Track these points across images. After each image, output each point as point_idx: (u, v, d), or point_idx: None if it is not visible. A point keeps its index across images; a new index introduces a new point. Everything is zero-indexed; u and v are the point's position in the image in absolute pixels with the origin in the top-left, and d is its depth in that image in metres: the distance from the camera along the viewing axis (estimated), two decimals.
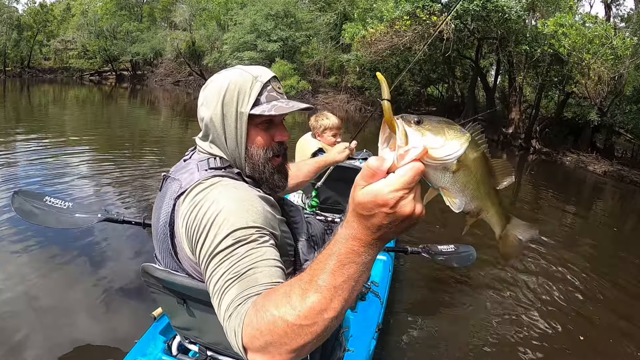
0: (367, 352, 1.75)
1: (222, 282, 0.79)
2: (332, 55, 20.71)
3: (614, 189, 9.91)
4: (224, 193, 0.92)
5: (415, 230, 4.08)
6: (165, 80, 26.69)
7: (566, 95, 12.97)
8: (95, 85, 25.50)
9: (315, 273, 0.62)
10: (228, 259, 0.81)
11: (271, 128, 1.09)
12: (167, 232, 0.98)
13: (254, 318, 0.67)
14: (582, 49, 9.41)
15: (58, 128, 8.96)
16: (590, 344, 2.73)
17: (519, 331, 2.69)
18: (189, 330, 1.23)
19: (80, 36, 28.70)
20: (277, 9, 19.28)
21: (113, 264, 3.06)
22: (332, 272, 0.60)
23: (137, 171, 5.52)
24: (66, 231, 3.16)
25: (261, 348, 0.65)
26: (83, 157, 6.18)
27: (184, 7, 26.03)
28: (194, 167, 1.02)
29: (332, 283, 0.60)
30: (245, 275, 0.78)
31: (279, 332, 0.63)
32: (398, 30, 12.28)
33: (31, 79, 26.03)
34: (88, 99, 17.64)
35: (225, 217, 0.86)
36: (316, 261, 0.63)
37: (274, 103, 1.05)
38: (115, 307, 2.54)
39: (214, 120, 1.05)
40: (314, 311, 0.61)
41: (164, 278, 1.04)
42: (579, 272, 3.84)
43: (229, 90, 1.03)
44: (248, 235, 0.85)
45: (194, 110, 8.21)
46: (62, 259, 3.02)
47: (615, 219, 6.85)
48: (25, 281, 2.70)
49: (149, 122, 11.72)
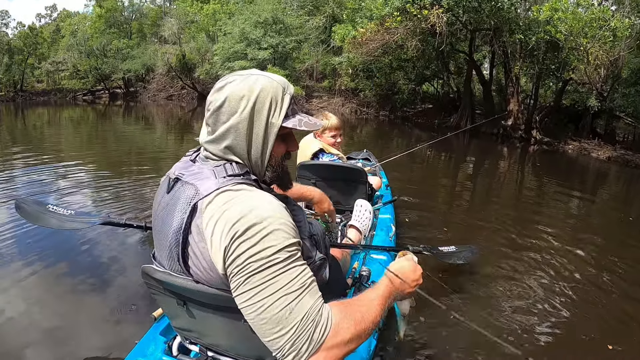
0: (367, 352, 1.75)
1: (290, 290, 0.88)
2: (324, 58, 20.54)
3: (620, 174, 9.68)
4: (262, 205, 0.94)
5: (416, 233, 4.03)
6: (158, 95, 26.53)
7: (564, 82, 12.72)
8: (88, 104, 25.40)
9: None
10: (288, 271, 0.89)
11: (287, 139, 1.12)
12: (181, 238, 0.97)
13: (342, 320, 0.92)
14: (579, 34, 9.16)
15: (54, 148, 8.89)
16: (599, 340, 2.56)
17: (524, 330, 2.57)
18: (189, 331, 1.24)
19: (71, 56, 28.64)
20: (265, 16, 19.12)
21: (113, 266, 3.12)
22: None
23: (136, 186, 5.48)
24: (66, 234, 3.35)
25: (340, 343, 0.90)
26: (80, 174, 6.12)
27: (172, 20, 25.91)
28: (210, 173, 1.00)
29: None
30: (312, 286, 0.92)
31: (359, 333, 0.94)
32: (389, 28, 12.05)
33: (25, 103, 25.82)
34: (82, 119, 17.60)
35: (275, 229, 0.90)
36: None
37: (299, 117, 1.09)
38: (115, 307, 2.56)
39: (239, 127, 1.02)
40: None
41: (164, 280, 1.05)
42: (587, 263, 3.64)
43: (260, 97, 1.02)
44: (296, 250, 0.93)
45: (188, 124, 8.79)
46: (62, 261, 3.09)
47: (626, 205, 6.60)
48: (25, 282, 2.77)
49: (144, 138, 11.69)
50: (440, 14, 10.89)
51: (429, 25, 11.33)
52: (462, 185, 7.29)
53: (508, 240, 4.07)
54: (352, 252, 2.11)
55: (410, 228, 4.18)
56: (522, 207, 5.72)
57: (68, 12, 35.89)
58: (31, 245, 3.31)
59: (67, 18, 34.02)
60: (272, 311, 0.86)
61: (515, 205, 5.91)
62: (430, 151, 10.12)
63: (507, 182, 7.70)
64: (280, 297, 0.87)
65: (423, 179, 7.22)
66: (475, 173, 8.57)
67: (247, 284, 0.88)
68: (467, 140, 13.27)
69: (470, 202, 5.98)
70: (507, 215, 5.07)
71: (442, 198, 5.98)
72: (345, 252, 1.95)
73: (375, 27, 12.56)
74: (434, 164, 9.19)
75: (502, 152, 11.59)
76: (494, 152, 11.59)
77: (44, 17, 38.32)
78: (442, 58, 16.03)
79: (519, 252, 3.75)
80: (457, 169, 8.92)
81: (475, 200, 6.07)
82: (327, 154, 2.95)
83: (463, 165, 9.44)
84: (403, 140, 13.13)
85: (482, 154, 11.21)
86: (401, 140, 13.09)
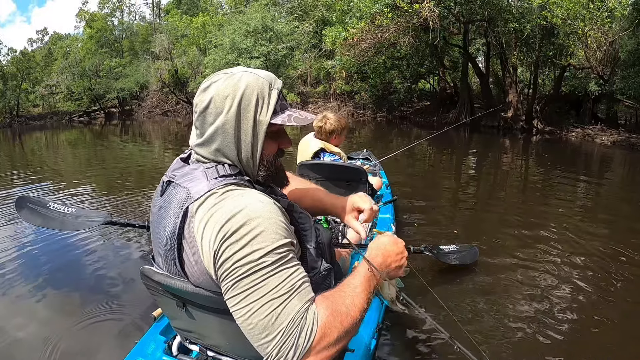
0: (368, 352, 1.74)
1: (276, 295, 0.84)
2: (317, 63, 20.42)
3: (626, 157, 9.46)
4: (251, 204, 0.90)
5: (417, 232, 3.96)
6: (153, 112, 26.54)
7: (562, 68, 12.50)
8: (85, 125, 25.33)
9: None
10: (276, 274, 0.86)
11: (278, 136, 1.07)
12: (175, 243, 0.95)
13: (328, 320, 0.88)
14: (576, 17, 8.93)
15: (53, 170, 8.94)
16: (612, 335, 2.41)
17: (527, 331, 2.43)
18: (189, 332, 1.22)
19: (64, 79, 28.62)
20: (254, 25, 19.04)
21: (113, 265, 3.14)
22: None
23: (135, 203, 5.37)
24: (67, 234, 3.39)
25: (328, 345, 0.86)
26: (80, 195, 6.01)
27: (162, 36, 25.87)
28: (201, 175, 0.97)
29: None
30: (300, 288, 0.87)
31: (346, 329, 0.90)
32: (380, 25, 11.86)
33: (22, 128, 25.86)
34: (79, 140, 17.55)
35: (263, 230, 0.87)
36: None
37: (288, 113, 1.04)
38: (115, 307, 2.56)
39: (226, 127, 0.98)
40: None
41: (163, 282, 1.04)
42: (598, 260, 3.39)
43: (246, 95, 0.98)
44: (287, 251, 0.89)
45: (184, 138, 7.99)
46: (62, 261, 3.14)
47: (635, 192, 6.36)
48: (25, 282, 2.81)
49: (143, 154, 11.75)
50: (432, 7, 10.69)
51: (422, 20, 11.12)
52: (464, 181, 7.11)
53: (514, 236, 3.92)
54: (353, 251, 2.10)
55: (410, 228, 4.06)
56: (528, 201, 5.47)
57: (59, 35, 35.98)
58: (31, 246, 3.35)
59: (58, 41, 34.13)
60: (258, 317, 0.84)
61: (520, 199, 5.67)
62: (431, 148, 9.93)
63: (511, 175, 7.45)
64: (266, 302, 0.84)
65: (423, 178, 7.10)
66: (478, 168, 8.37)
67: (234, 288, 0.85)
68: (468, 135, 13.09)
69: (473, 198, 5.78)
70: (512, 210, 4.85)
71: (443, 196, 5.79)
72: (345, 252, 1.94)
73: (366, 25, 12.39)
74: (435, 162, 9.00)
75: (505, 145, 11.39)
76: (496, 145, 11.40)
77: (36, 41, 38.37)
78: (437, 53, 15.88)
79: (526, 248, 3.61)
80: (458, 166, 8.72)
81: (478, 197, 5.88)
82: (328, 153, 2.94)
83: (465, 161, 9.24)
84: (402, 139, 12.94)
85: (483, 148, 11.00)
86: (400, 139, 12.91)
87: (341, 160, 2.95)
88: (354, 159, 4.31)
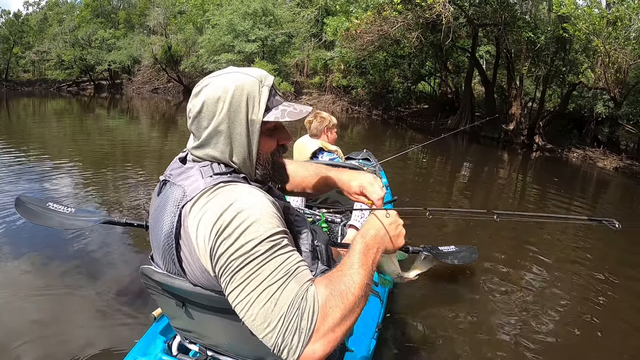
0: (367, 352, 1.78)
1: (272, 280, 0.83)
2: (315, 53, 19.57)
3: (629, 186, 8.94)
4: (241, 197, 0.90)
5: (416, 233, 4.00)
6: (143, 88, 25.74)
7: (572, 86, 11.81)
8: (73, 96, 24.75)
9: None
10: (270, 261, 0.84)
11: (275, 132, 1.06)
12: (173, 243, 0.94)
13: (328, 299, 0.84)
14: (601, 33, 8.19)
15: (40, 142, 8.79)
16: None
17: (523, 331, 2.62)
18: (188, 331, 1.22)
19: (56, 46, 27.62)
20: (254, 7, 18.20)
21: (113, 265, 3.16)
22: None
23: (124, 180, 5.56)
24: (66, 234, 3.41)
25: (333, 326, 0.82)
26: (68, 171, 5.99)
27: (158, 10, 24.91)
28: (197, 173, 0.97)
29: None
30: (297, 272, 0.85)
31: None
32: (387, 17, 11.06)
33: (9, 93, 25.19)
34: (67, 111, 17.15)
35: (254, 220, 0.86)
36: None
37: (282, 108, 1.02)
38: (115, 307, 2.57)
39: (219, 130, 0.98)
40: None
41: (163, 281, 1.04)
42: (587, 278, 3.58)
43: (235, 96, 0.96)
44: (281, 238, 0.88)
45: (173, 118, 7.98)
46: (62, 261, 3.10)
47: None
48: (25, 282, 2.79)
49: (130, 131, 11.74)
50: (446, 3, 9.92)
51: (434, 16, 10.33)
52: (460, 189, 7.09)
53: (508, 240, 4.15)
54: None
55: (410, 228, 3.50)
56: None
57: (56, 1, 34.82)
58: (30, 245, 3.30)
59: (55, 7, 32.96)
60: (258, 306, 0.82)
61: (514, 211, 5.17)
62: (428, 155, 9.67)
63: (506, 190, 7.46)
64: (263, 289, 0.82)
65: (421, 182, 7.15)
66: (474, 178, 8.24)
67: (232, 282, 0.85)
68: (466, 144, 12.56)
69: (470, 204, 5.87)
70: (504, 224, 4.73)
71: (439, 200, 5.92)
72: (344, 251, 1.92)
73: (372, 16, 11.59)
74: (432, 168, 8.86)
75: (503, 158, 10.97)
76: (494, 157, 10.97)
77: (32, 5, 37.23)
78: (441, 55, 15.16)
79: (517, 259, 3.78)
80: (454, 174, 8.48)
81: (473, 204, 5.95)
82: (327, 152, 2.98)
83: (461, 170, 8.92)
84: (397, 142, 12.38)
85: (481, 159, 10.54)
86: (395, 141, 12.35)
87: (339, 159, 3.00)
88: (353, 159, 4.32)
